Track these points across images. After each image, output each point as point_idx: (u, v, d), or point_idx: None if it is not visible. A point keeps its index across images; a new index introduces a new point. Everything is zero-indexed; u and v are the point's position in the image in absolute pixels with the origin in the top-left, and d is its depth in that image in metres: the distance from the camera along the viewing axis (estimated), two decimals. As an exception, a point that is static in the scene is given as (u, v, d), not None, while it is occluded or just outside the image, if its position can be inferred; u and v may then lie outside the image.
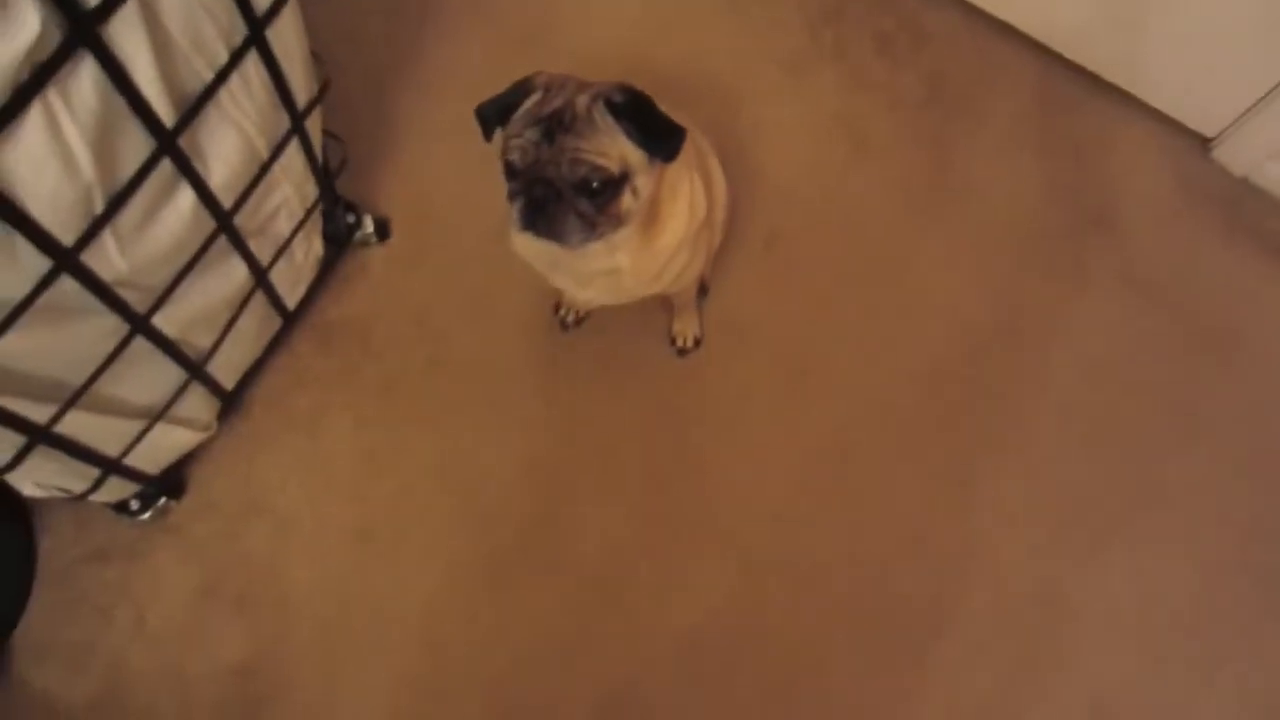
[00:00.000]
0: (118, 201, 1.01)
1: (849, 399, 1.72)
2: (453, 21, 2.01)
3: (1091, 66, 1.99)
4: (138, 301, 1.17)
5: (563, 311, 1.73)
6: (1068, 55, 2.00)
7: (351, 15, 2.00)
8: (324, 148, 1.51)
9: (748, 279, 1.80)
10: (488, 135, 1.19)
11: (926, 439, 1.69)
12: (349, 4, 2.01)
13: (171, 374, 1.35)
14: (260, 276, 1.43)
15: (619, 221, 1.15)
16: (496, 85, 1.16)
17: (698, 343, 1.73)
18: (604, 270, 1.28)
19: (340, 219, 1.69)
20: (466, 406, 1.69)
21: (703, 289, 1.75)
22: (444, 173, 1.86)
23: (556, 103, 1.10)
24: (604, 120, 1.10)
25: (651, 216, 1.23)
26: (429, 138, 1.89)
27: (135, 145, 1.02)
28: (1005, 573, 1.61)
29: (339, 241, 1.71)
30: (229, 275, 1.35)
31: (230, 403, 1.59)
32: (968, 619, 1.57)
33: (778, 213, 1.85)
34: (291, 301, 1.61)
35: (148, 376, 1.32)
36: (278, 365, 1.68)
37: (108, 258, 1.06)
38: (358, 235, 1.74)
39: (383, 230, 1.77)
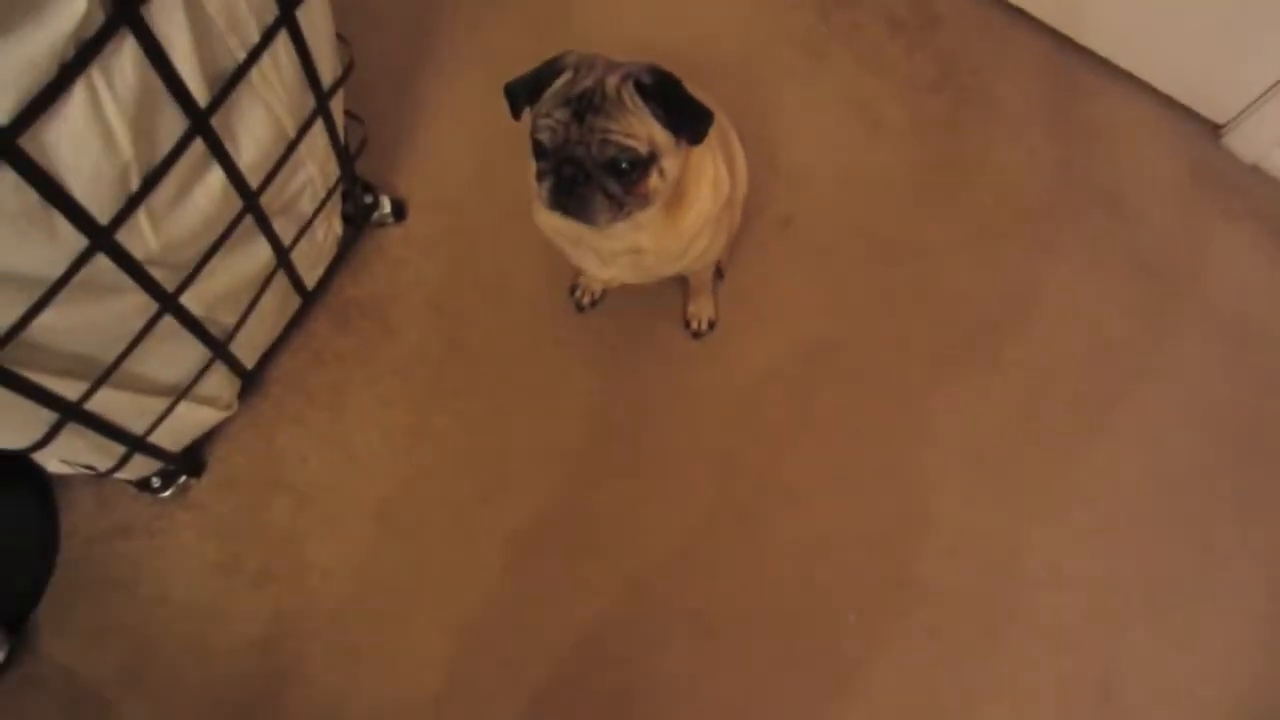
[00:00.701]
0: (153, 180, 1.02)
1: (862, 381, 1.74)
2: (471, 5, 2.01)
3: (1103, 51, 2.00)
4: (166, 279, 1.18)
5: (578, 293, 1.74)
6: (1079, 40, 2.01)
7: (366, -5, 2.00)
8: (345, 128, 1.51)
9: (763, 261, 1.81)
10: (516, 113, 1.19)
11: (940, 420, 1.71)
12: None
13: (196, 352, 1.36)
14: (283, 255, 1.44)
15: (645, 201, 1.16)
16: (515, 68, 1.17)
17: (712, 325, 1.75)
18: (627, 249, 1.30)
19: (359, 199, 1.70)
20: (484, 387, 1.70)
21: (719, 271, 1.76)
22: (460, 155, 1.86)
23: (586, 83, 1.11)
24: (633, 101, 1.11)
25: (676, 196, 1.24)
26: (446, 120, 1.89)
27: (171, 124, 1.02)
28: (1020, 555, 1.63)
29: (356, 222, 1.72)
30: (254, 254, 1.36)
31: (250, 381, 1.60)
32: (977, 598, 1.60)
33: (793, 194, 1.86)
34: (311, 281, 1.62)
35: (174, 354, 1.32)
36: (296, 344, 1.69)
37: (141, 236, 1.07)
38: (375, 216, 1.74)
39: (400, 211, 1.78)
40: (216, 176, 1.15)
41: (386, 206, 1.74)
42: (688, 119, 1.14)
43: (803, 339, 1.76)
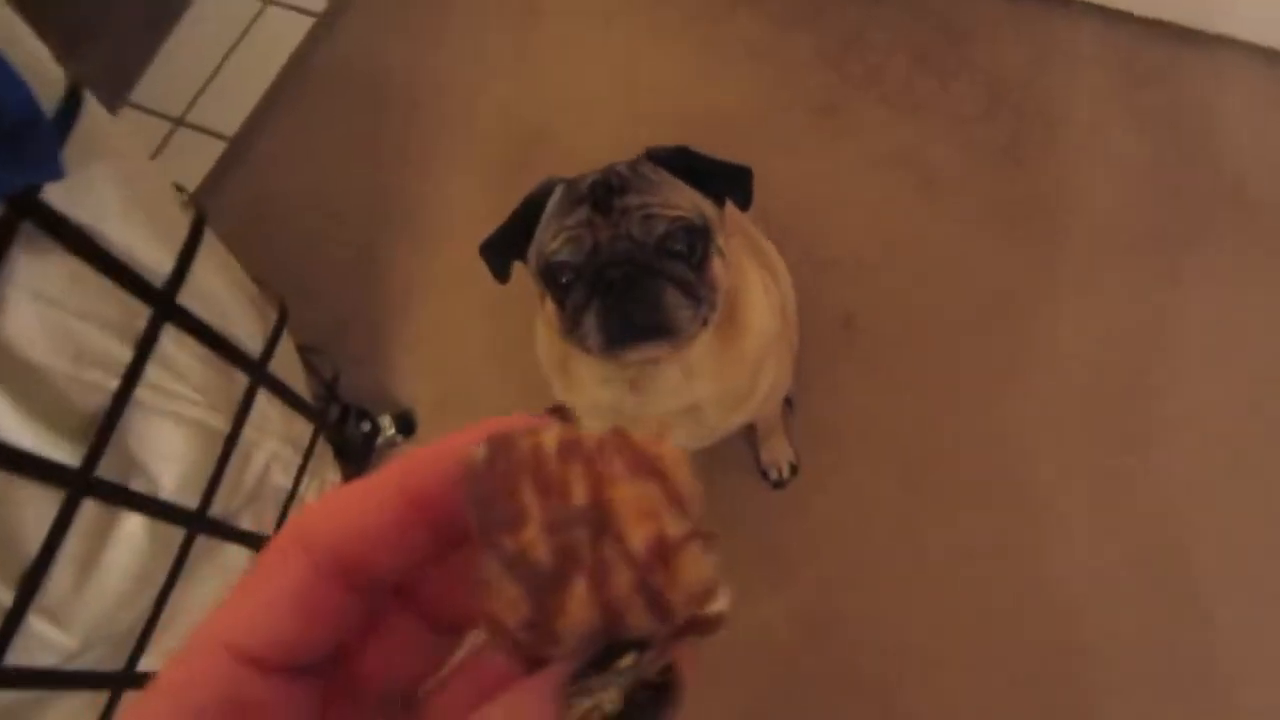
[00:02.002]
0: (31, 583, 0.79)
1: (979, 493, 1.41)
2: (437, 162, 1.79)
3: (1167, 16, 1.65)
4: (109, 658, 0.94)
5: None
6: (1136, 11, 1.67)
7: (319, 184, 1.80)
8: (307, 370, 1.28)
9: (830, 375, 1.50)
10: (503, 272, 0.96)
11: (1080, 534, 1.37)
12: (307, 176, 1.81)
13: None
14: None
15: (715, 290, 0.89)
16: (499, 217, 0.93)
17: (794, 470, 1.45)
18: (682, 408, 1.02)
19: (353, 430, 1.46)
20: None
21: (787, 402, 1.46)
22: (460, 336, 1.62)
23: (592, 178, 0.88)
24: (657, 174, 0.88)
25: (728, 316, 0.96)
26: (434, 303, 1.66)
27: (38, 506, 0.79)
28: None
29: (359, 457, 1.48)
30: (225, 566, 1.12)
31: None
32: None
33: (849, 287, 1.55)
34: (319, 545, 1.38)
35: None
36: (324, 613, 1.45)
37: (44, 641, 0.84)
38: (380, 441, 1.50)
39: (407, 425, 1.53)
40: (134, 522, 0.92)
41: (389, 427, 1.51)
42: (724, 179, 0.91)
43: (902, 459, 1.44)
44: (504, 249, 0.93)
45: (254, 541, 1.15)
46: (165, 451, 0.94)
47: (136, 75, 1.90)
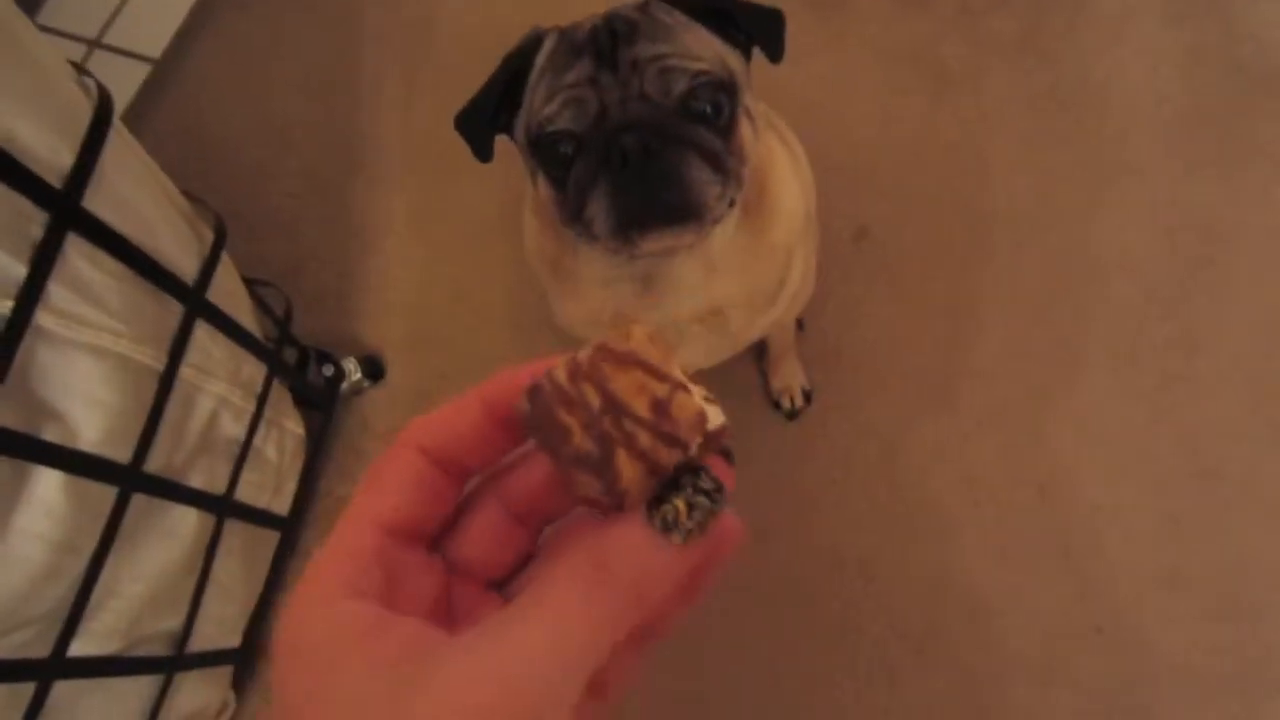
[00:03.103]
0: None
1: (1020, 415, 1.28)
2: (391, 82, 1.61)
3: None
4: (35, 639, 0.78)
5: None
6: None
7: (260, 111, 1.61)
8: (258, 305, 1.11)
9: (844, 293, 1.36)
10: (483, 152, 0.79)
11: (1121, 456, 1.25)
12: (244, 98, 1.62)
13: (139, 686, 0.96)
14: (222, 506, 1.03)
15: (744, 162, 0.73)
16: (464, 150, 0.77)
17: (809, 397, 1.30)
18: (704, 309, 0.86)
19: (315, 376, 1.29)
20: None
21: (798, 323, 1.31)
22: (429, 270, 1.45)
23: (592, 23, 0.72)
24: (672, 15, 0.72)
25: (754, 197, 0.81)
26: (397, 236, 1.48)
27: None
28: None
29: (323, 404, 1.31)
30: (172, 531, 0.96)
31: (246, 657, 1.20)
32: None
33: (861, 197, 1.41)
34: (282, 505, 1.22)
35: (104, 707, 0.93)
36: (293, 584, 1.29)
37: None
38: (344, 386, 1.34)
39: (374, 369, 1.37)
40: (48, 481, 0.75)
41: (354, 371, 1.34)
42: (751, 22, 0.74)
43: (925, 381, 1.31)
44: (481, 118, 0.76)
45: (207, 502, 0.99)
46: (84, 393, 0.77)
47: (43, -6, 1.68)
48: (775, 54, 0.75)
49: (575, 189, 0.70)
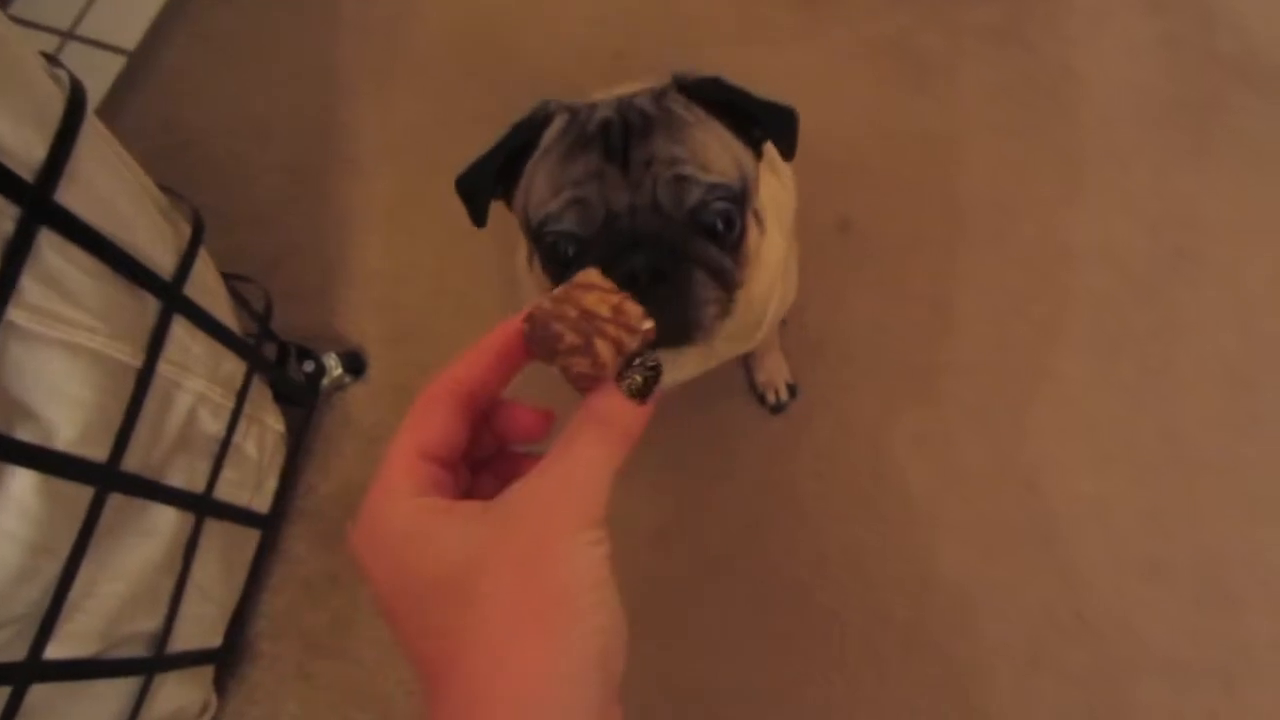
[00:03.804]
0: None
1: (1002, 406, 1.28)
2: (369, 73, 1.59)
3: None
4: (10, 642, 0.77)
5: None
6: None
7: (237, 103, 1.59)
8: (236, 299, 1.10)
9: (828, 283, 1.36)
10: (480, 214, 0.76)
11: (1104, 445, 1.26)
12: (218, 88, 1.60)
13: (118, 687, 0.95)
14: (202, 505, 1.02)
15: (746, 268, 0.72)
16: (447, 141, 0.75)
17: (793, 390, 1.30)
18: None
19: (296, 372, 1.28)
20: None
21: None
22: (410, 262, 1.44)
23: (603, 113, 0.68)
24: (690, 111, 0.69)
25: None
26: (377, 229, 1.47)
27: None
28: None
29: (303, 400, 1.30)
30: (150, 530, 0.94)
31: (226, 657, 1.19)
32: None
33: (844, 188, 1.41)
34: (263, 503, 1.21)
35: (83, 709, 0.92)
36: (276, 579, 1.28)
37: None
38: (325, 383, 1.32)
39: (355, 364, 1.35)
40: (22, 481, 0.74)
41: (336, 366, 1.32)
42: (767, 121, 0.72)
43: (908, 371, 1.31)
44: (481, 186, 0.73)
45: (186, 500, 0.98)
46: (60, 391, 0.76)
47: (15, -15, 1.65)
48: (788, 152, 0.74)
49: None
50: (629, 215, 0.64)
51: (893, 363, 1.32)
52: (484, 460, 0.43)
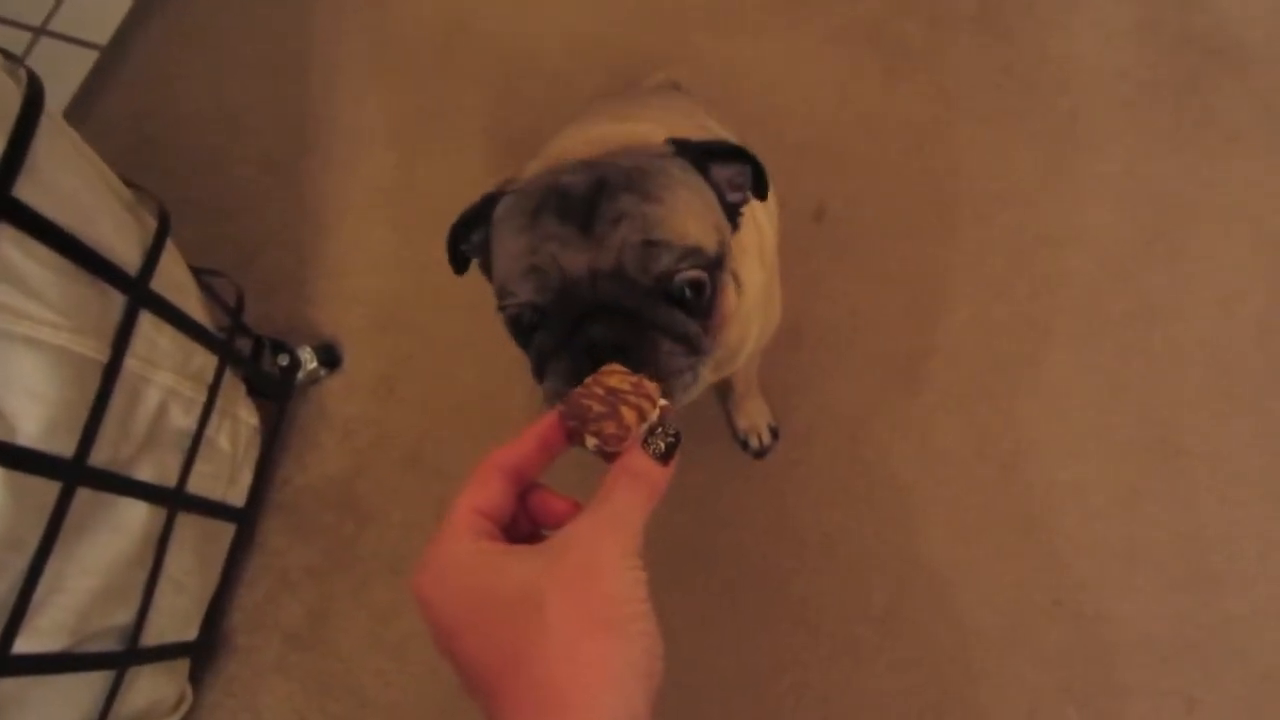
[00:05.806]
0: None
1: (980, 391, 1.29)
2: (343, 64, 1.58)
3: None
4: (-24, 641, 0.77)
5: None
6: None
7: (210, 97, 1.58)
8: (206, 293, 1.10)
9: (805, 272, 1.36)
10: (457, 266, 0.76)
11: (1089, 424, 1.26)
12: (193, 77, 1.59)
13: (91, 681, 0.95)
14: (175, 499, 1.02)
15: (720, 330, 0.67)
16: (423, 133, 0.75)
17: (776, 434, 1.28)
18: None
19: (270, 365, 1.28)
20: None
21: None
22: (387, 253, 1.44)
23: (567, 177, 0.64)
24: (680, 169, 0.66)
25: None
26: (352, 221, 1.47)
27: None
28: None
29: (278, 393, 1.30)
30: (120, 525, 0.94)
31: (203, 649, 1.19)
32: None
33: (820, 174, 1.41)
34: (238, 496, 1.20)
35: (54, 702, 0.91)
36: (253, 572, 1.28)
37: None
38: (300, 376, 1.32)
39: (331, 357, 1.35)
40: (-16, 478, 0.73)
41: (310, 359, 1.32)
42: (738, 167, 0.70)
43: (896, 363, 1.31)
44: (458, 242, 0.73)
45: (157, 495, 0.97)
46: (23, 386, 0.76)
47: (-15, -20, 1.64)
48: (761, 194, 0.71)
49: (537, 355, 0.63)
50: (589, 281, 0.60)
51: (871, 349, 1.32)
52: (519, 540, 0.46)
